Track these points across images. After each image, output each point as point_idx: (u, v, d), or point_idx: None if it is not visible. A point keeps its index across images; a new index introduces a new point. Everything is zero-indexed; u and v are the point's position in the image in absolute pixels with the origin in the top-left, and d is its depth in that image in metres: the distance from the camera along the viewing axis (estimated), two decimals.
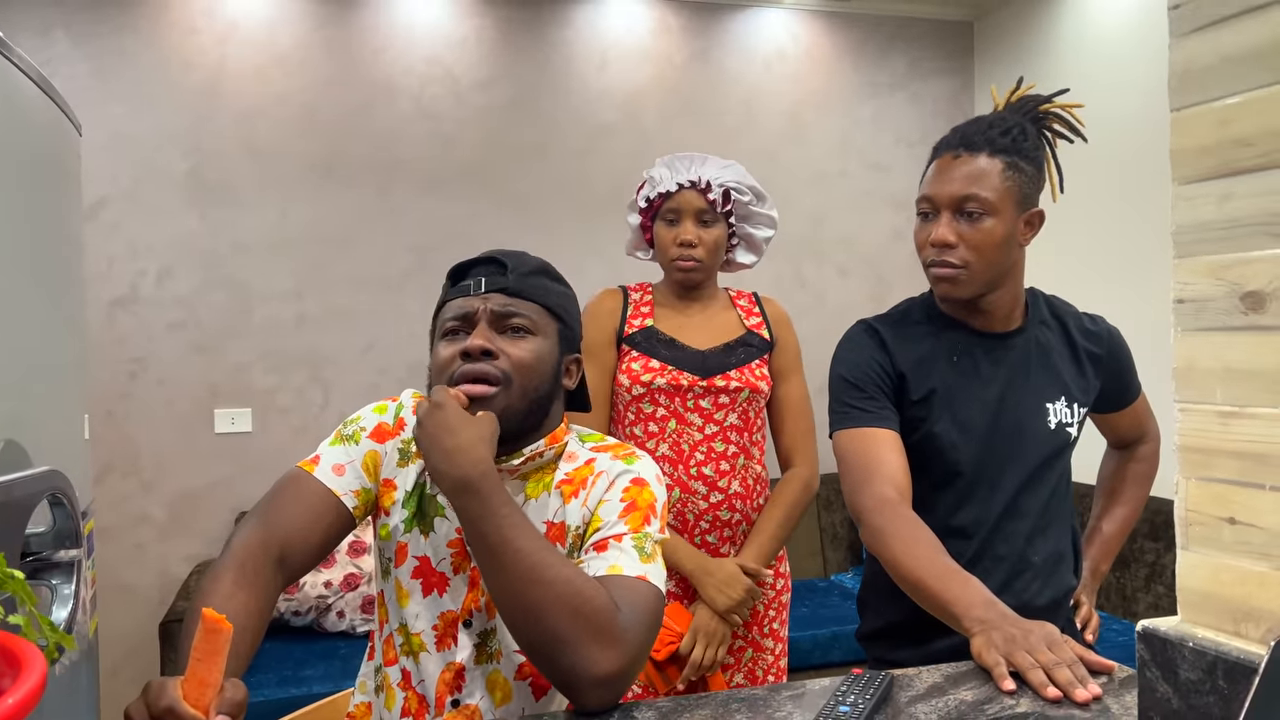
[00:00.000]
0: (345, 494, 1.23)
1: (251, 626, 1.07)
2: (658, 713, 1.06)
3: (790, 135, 4.07)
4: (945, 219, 1.49)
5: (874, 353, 1.58)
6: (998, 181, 1.47)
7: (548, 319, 1.27)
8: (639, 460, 1.26)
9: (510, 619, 1.09)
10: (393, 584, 1.27)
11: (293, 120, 3.53)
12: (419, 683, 1.24)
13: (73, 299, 1.56)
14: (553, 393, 1.27)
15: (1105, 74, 3.59)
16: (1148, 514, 3.30)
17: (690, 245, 1.93)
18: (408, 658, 1.25)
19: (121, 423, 3.39)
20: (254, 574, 1.11)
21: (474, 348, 1.20)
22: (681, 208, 1.93)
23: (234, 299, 3.49)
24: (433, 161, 3.67)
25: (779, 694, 1.10)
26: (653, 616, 1.11)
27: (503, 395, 1.20)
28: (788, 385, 2.02)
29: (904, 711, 1.04)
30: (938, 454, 1.56)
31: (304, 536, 1.18)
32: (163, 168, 3.42)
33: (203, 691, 0.87)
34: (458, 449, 1.11)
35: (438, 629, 1.25)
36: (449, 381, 1.21)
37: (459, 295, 1.25)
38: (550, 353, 1.26)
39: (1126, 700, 1.06)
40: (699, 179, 1.92)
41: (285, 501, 1.20)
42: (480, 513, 1.10)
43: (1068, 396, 1.60)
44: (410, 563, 1.26)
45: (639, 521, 1.18)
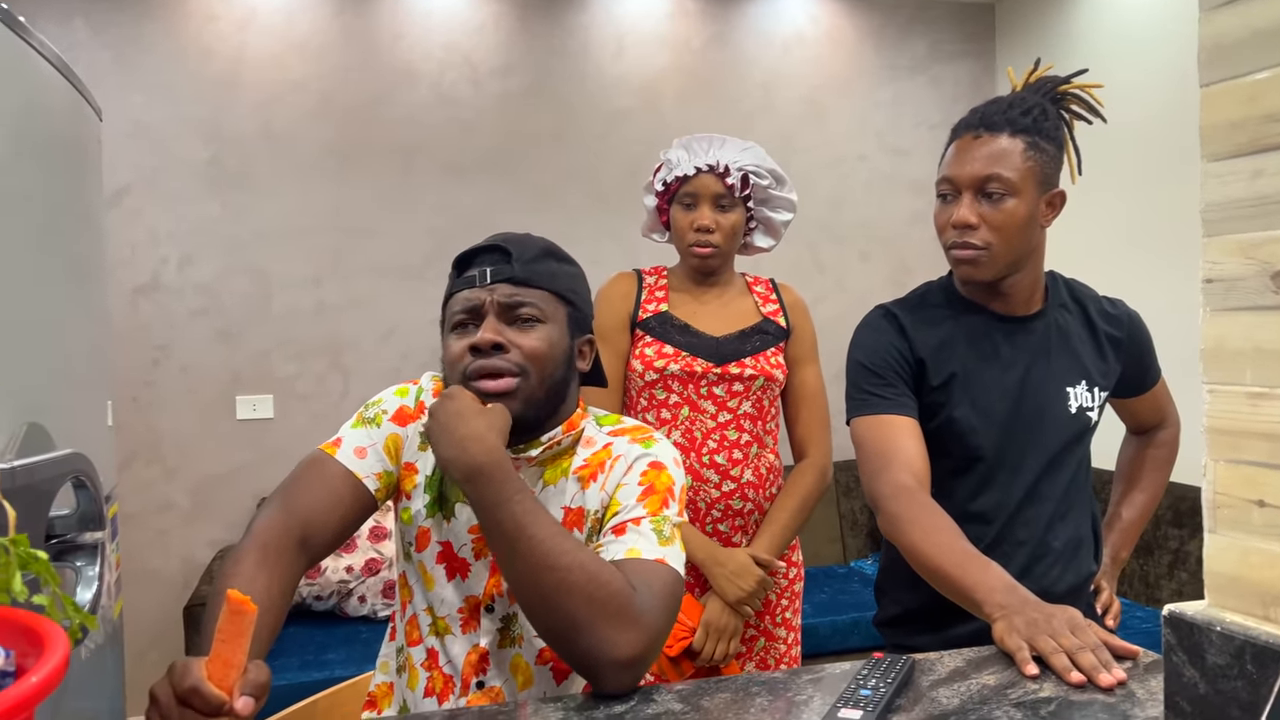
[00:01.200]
0: (367, 476, 1.23)
1: (274, 608, 1.07)
2: (678, 696, 1.05)
3: (809, 119, 4.04)
4: (966, 200, 1.47)
5: (892, 339, 1.56)
6: (1019, 161, 1.45)
7: (556, 304, 1.25)
8: (657, 443, 1.26)
9: (527, 605, 1.10)
10: (416, 567, 1.28)
11: (311, 107, 3.54)
12: (446, 663, 1.25)
13: (95, 284, 1.57)
14: (567, 377, 1.26)
15: (1128, 55, 3.55)
16: (1171, 500, 3.27)
17: (707, 230, 1.90)
18: (435, 638, 1.26)
19: (145, 409, 3.42)
20: (276, 556, 1.11)
21: (484, 342, 1.19)
22: (699, 192, 1.90)
23: (255, 286, 3.51)
24: (451, 148, 3.67)
25: (799, 677, 1.10)
26: (671, 598, 1.11)
27: (523, 386, 1.19)
28: (803, 373, 2.00)
29: (925, 695, 1.04)
30: (957, 439, 1.54)
31: (325, 518, 1.18)
32: (183, 155, 3.43)
33: (226, 672, 0.87)
34: (470, 437, 1.11)
35: (463, 612, 1.25)
36: (463, 377, 1.21)
37: (465, 287, 1.24)
38: (561, 338, 1.24)
39: (1152, 685, 1.05)
40: (717, 163, 1.89)
41: (307, 484, 1.21)
42: (494, 500, 1.10)
43: (1088, 380, 1.58)
44: (433, 547, 1.26)
45: (657, 505, 1.18)
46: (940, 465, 1.51)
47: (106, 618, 1.42)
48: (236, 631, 0.87)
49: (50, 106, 1.37)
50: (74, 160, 1.46)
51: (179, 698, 0.87)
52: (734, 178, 1.89)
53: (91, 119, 1.52)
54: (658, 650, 1.08)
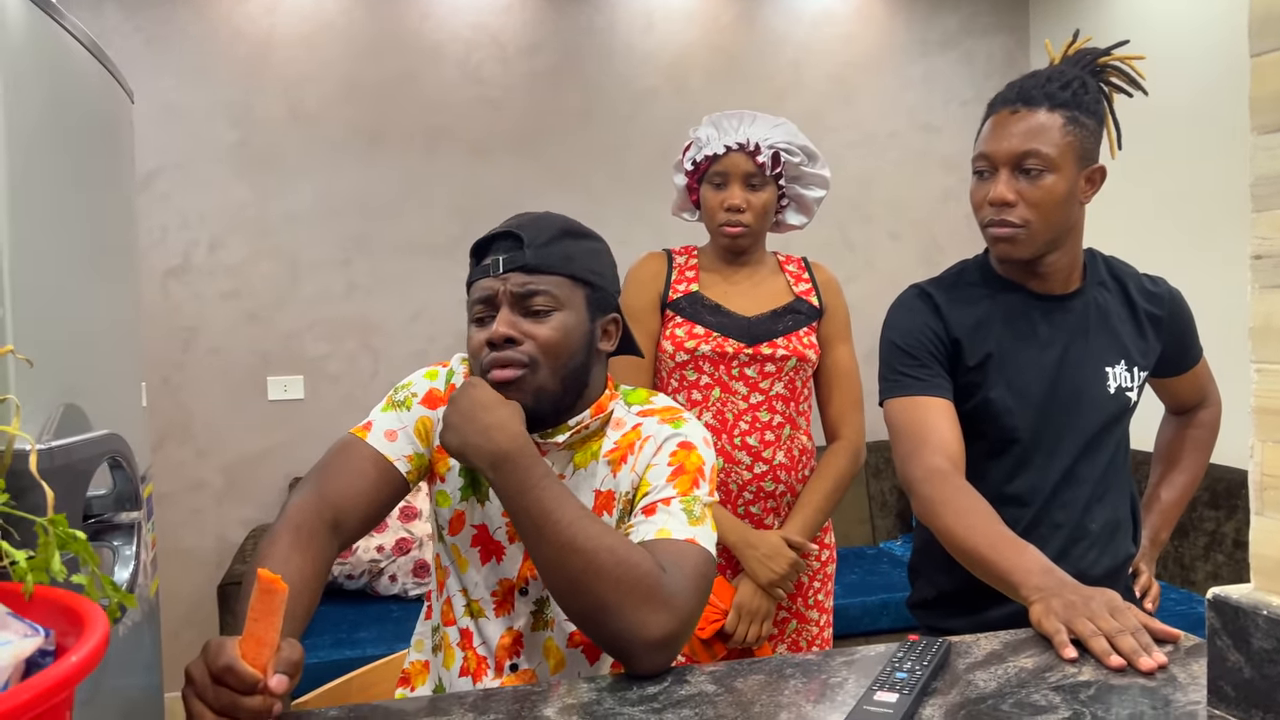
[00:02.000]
0: (398, 459, 1.23)
1: (308, 589, 1.08)
2: (711, 677, 1.05)
3: (839, 96, 3.99)
4: (1004, 177, 1.44)
5: (927, 318, 1.54)
6: (1058, 136, 1.42)
7: (572, 289, 1.23)
8: (687, 423, 1.25)
9: (555, 589, 1.09)
10: (450, 550, 1.28)
11: (339, 88, 3.54)
12: (480, 644, 1.25)
13: (126, 266, 1.58)
14: (588, 362, 1.25)
15: (1166, 27, 3.47)
16: (1208, 481, 3.23)
17: (738, 210, 1.88)
18: (469, 619, 1.26)
19: (177, 391, 3.45)
20: (309, 538, 1.12)
21: (496, 336, 1.18)
22: (729, 171, 1.87)
23: (284, 267, 3.53)
24: (479, 127, 3.66)
25: (833, 659, 1.09)
26: (702, 578, 1.10)
27: (530, 378, 1.19)
28: (836, 354, 1.98)
29: (962, 679, 1.03)
30: (993, 420, 1.52)
31: (357, 501, 1.19)
32: (213, 138, 3.45)
33: (260, 650, 0.88)
34: (494, 425, 1.12)
35: (496, 595, 1.25)
36: (479, 371, 1.21)
37: (480, 276, 1.23)
38: (579, 324, 1.23)
39: (1194, 669, 1.03)
40: (747, 141, 1.86)
41: (338, 467, 1.21)
42: (520, 486, 1.09)
43: (1128, 360, 1.55)
44: (468, 530, 1.26)
45: (688, 485, 1.17)
46: (975, 447, 1.49)
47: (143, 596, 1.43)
48: (268, 610, 0.87)
49: (82, 89, 1.37)
50: (106, 142, 1.47)
51: (214, 676, 0.87)
52: (765, 156, 1.86)
53: (123, 101, 1.53)
54: (689, 631, 1.07)
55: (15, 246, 1.08)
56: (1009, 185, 1.44)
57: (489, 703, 1.00)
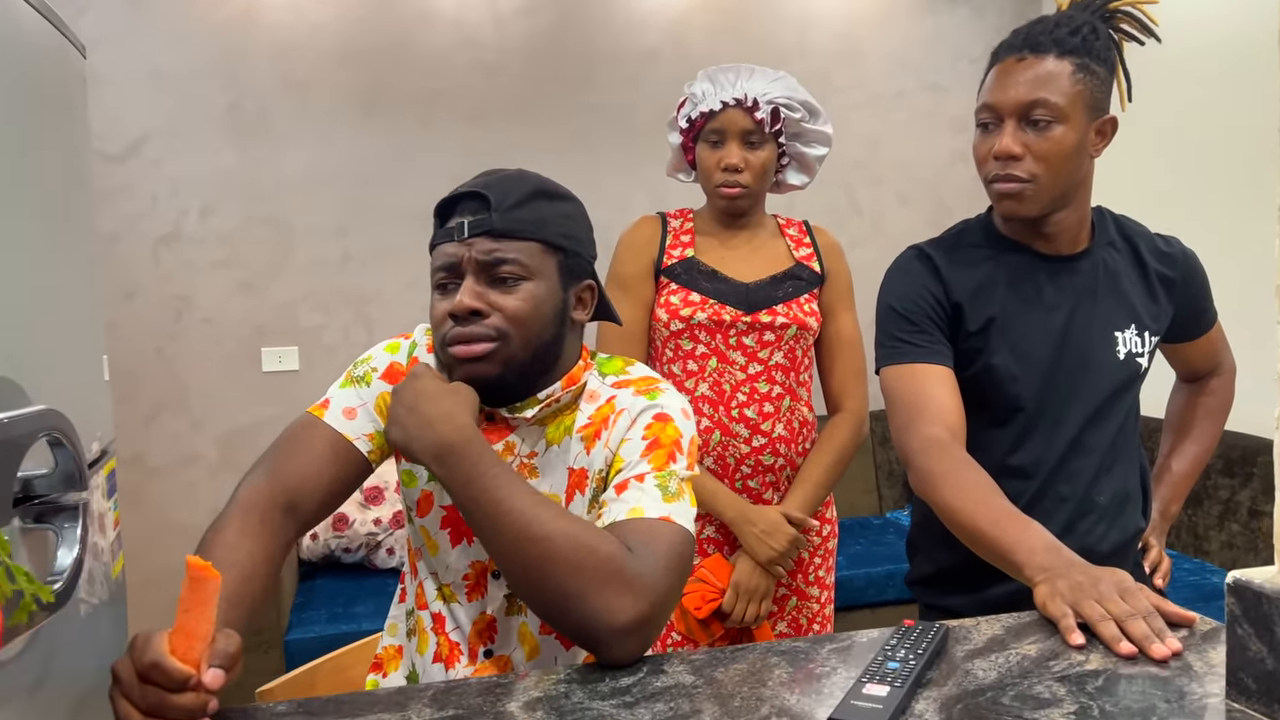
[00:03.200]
0: (358, 438, 1.17)
1: (260, 573, 1.02)
2: (690, 667, 0.98)
3: (844, 56, 3.87)
4: (1010, 128, 1.35)
5: (926, 281, 1.45)
6: (1067, 85, 1.33)
7: (543, 255, 1.14)
8: (663, 394, 1.17)
9: (514, 581, 1.03)
10: (419, 532, 1.22)
11: (330, 51, 3.44)
12: (454, 629, 1.19)
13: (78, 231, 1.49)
14: (560, 333, 1.17)
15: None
16: (1222, 448, 3.13)
17: (735, 170, 1.78)
18: (442, 603, 1.20)
19: (170, 362, 3.39)
20: (259, 523, 1.06)
21: (461, 308, 1.11)
22: (726, 128, 1.78)
23: (277, 236, 3.45)
24: (475, 91, 3.56)
25: (822, 647, 1.02)
26: (676, 557, 1.03)
27: (500, 350, 1.11)
28: (838, 322, 1.90)
29: (959, 667, 0.95)
30: (996, 388, 1.44)
31: (314, 484, 1.13)
32: (202, 103, 3.36)
33: (191, 644, 0.81)
34: (438, 416, 1.05)
35: (469, 579, 1.19)
36: (442, 343, 1.14)
37: (444, 240, 1.15)
38: (550, 293, 1.15)
39: (1211, 657, 0.95)
40: (745, 96, 1.76)
41: (294, 448, 1.15)
42: (467, 476, 1.03)
43: (1138, 324, 1.47)
44: (437, 511, 1.20)
45: (663, 459, 1.10)
46: (977, 417, 1.41)
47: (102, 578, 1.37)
48: (199, 600, 0.81)
49: (26, 46, 1.29)
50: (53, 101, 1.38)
51: (140, 674, 0.81)
52: (763, 112, 1.76)
53: (74, 57, 1.44)
54: (663, 614, 1.00)
55: None
56: (1015, 137, 1.35)
57: (451, 696, 0.93)
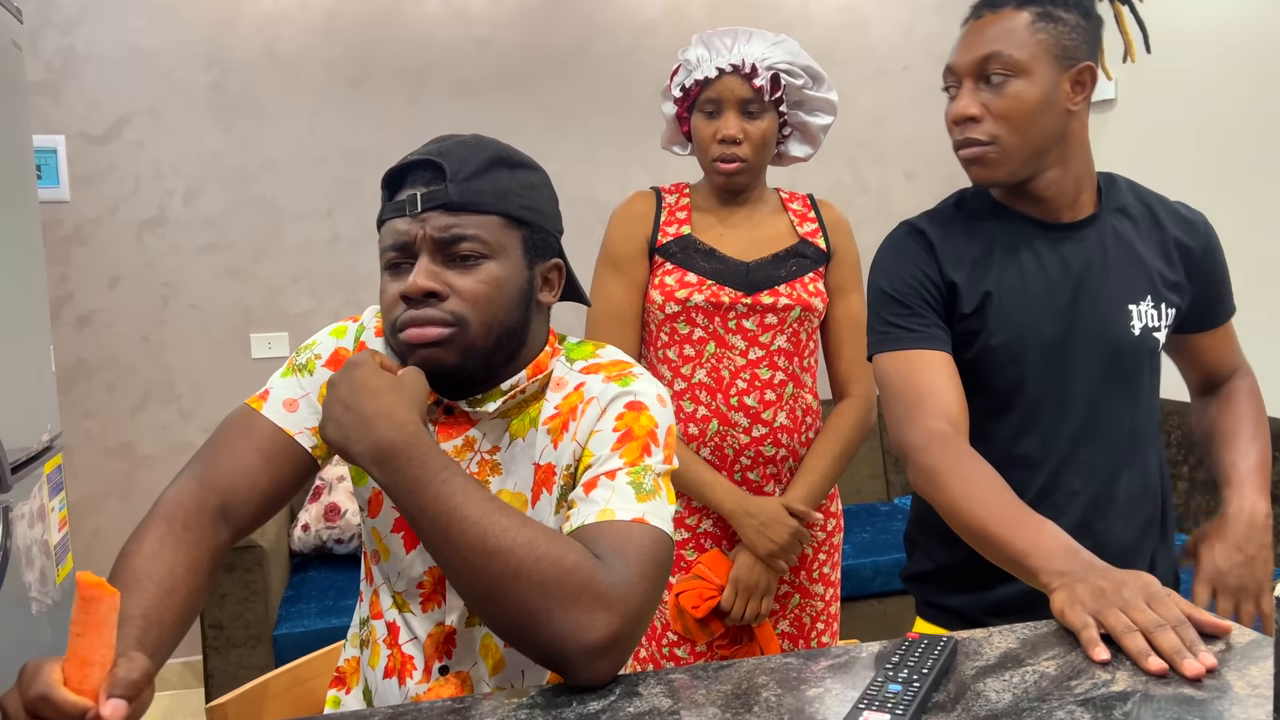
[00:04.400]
0: (300, 432, 1.06)
1: (182, 586, 0.91)
2: (667, 689, 0.88)
3: (850, 28, 3.74)
4: (967, 89, 1.26)
5: (919, 259, 1.33)
6: (1025, 36, 1.23)
7: (506, 231, 1.04)
8: (636, 379, 1.06)
9: (471, 599, 0.92)
10: (371, 534, 1.11)
11: (316, 25, 3.33)
12: (409, 640, 1.08)
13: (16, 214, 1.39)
14: (525, 317, 1.06)
15: None
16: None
17: (733, 141, 1.66)
18: (396, 612, 1.09)
19: (157, 349, 3.30)
20: (183, 530, 0.96)
21: (414, 289, 0.99)
22: (723, 97, 1.65)
23: (265, 219, 3.35)
24: (466, 66, 3.45)
25: (817, 663, 0.92)
26: (651, 564, 0.92)
27: (458, 336, 1.00)
28: (846, 303, 1.78)
29: (969, 688, 0.85)
30: (997, 371, 1.32)
31: (250, 484, 1.02)
32: (184, 81, 3.25)
33: (86, 672, 0.71)
34: (378, 413, 0.93)
35: (424, 587, 1.08)
36: (393, 329, 1.02)
37: (394, 215, 1.04)
38: (514, 273, 1.04)
39: (1252, 675, 0.85)
40: (742, 62, 1.63)
41: (228, 445, 1.05)
42: (412, 482, 0.91)
43: (1155, 295, 1.33)
44: (388, 514, 1.09)
45: (636, 453, 0.99)
46: (976, 404, 1.29)
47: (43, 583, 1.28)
48: (94, 622, 0.71)
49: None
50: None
51: (27, 708, 0.71)
52: (763, 79, 1.64)
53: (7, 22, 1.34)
54: (638, 629, 0.89)
55: None
56: (972, 98, 1.26)
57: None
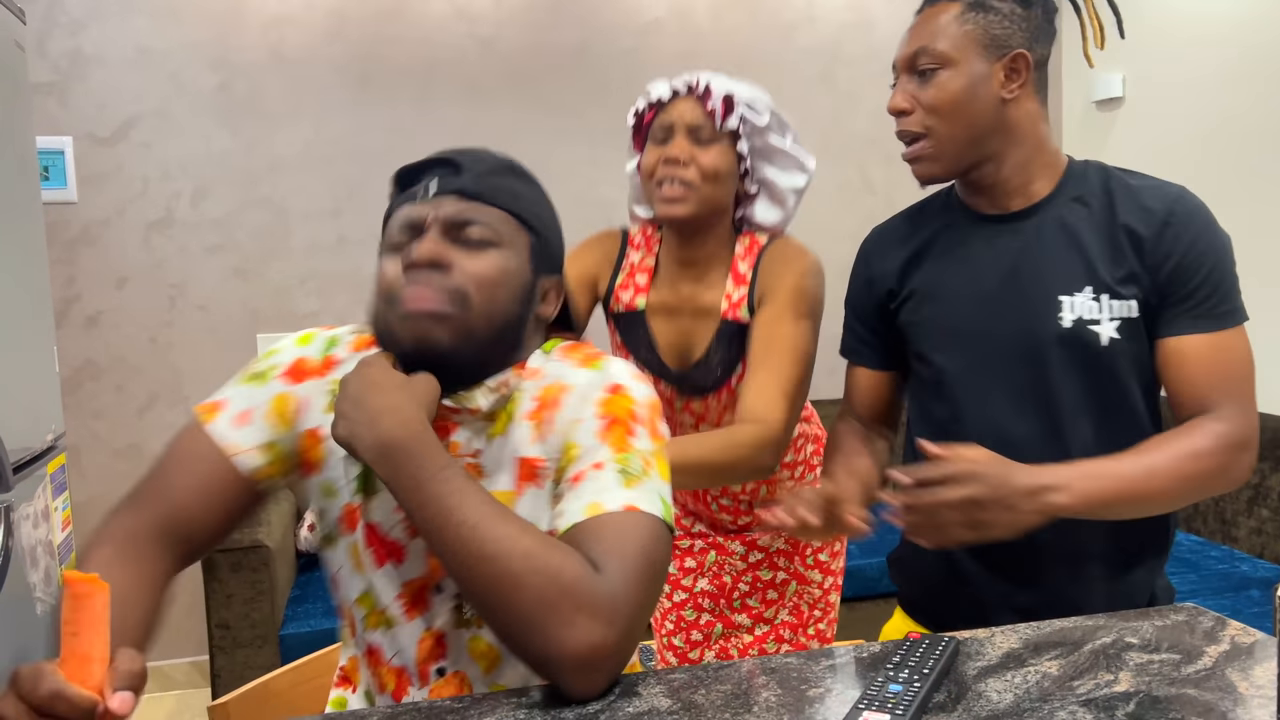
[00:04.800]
0: (247, 450, 1.01)
1: (143, 603, 0.89)
2: (666, 689, 0.87)
3: (855, 27, 3.73)
4: (900, 84, 1.28)
5: (862, 271, 1.42)
6: (953, 28, 1.23)
7: (515, 229, 1.02)
8: (607, 362, 1.04)
9: (469, 600, 0.91)
10: (346, 551, 1.06)
11: (322, 26, 3.34)
12: (394, 655, 1.05)
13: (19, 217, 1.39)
14: (523, 317, 1.03)
15: None
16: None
17: (676, 162, 1.47)
18: (375, 631, 1.05)
19: (164, 350, 3.31)
20: (132, 555, 0.93)
21: (419, 257, 0.96)
22: (674, 122, 1.50)
23: (272, 219, 3.36)
24: (471, 66, 3.45)
25: (817, 663, 0.92)
26: (645, 560, 0.89)
27: (456, 315, 0.96)
28: (763, 316, 1.52)
29: (970, 689, 0.85)
30: (928, 362, 1.30)
31: (192, 515, 0.98)
32: (191, 83, 3.26)
33: (88, 668, 0.71)
34: (385, 409, 0.91)
35: (404, 598, 1.04)
36: (390, 299, 0.99)
37: (406, 203, 1.03)
38: (520, 270, 1.02)
39: (1256, 675, 0.84)
40: (696, 83, 1.51)
41: (174, 471, 1.00)
42: (414, 480, 0.89)
43: (1096, 285, 1.20)
44: (361, 529, 1.05)
45: (620, 437, 0.96)
46: (922, 392, 1.35)
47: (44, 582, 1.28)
48: (90, 619, 0.71)
49: None
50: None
51: (38, 709, 0.71)
52: (715, 102, 1.49)
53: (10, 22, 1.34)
54: (634, 639, 0.87)
55: None
56: (902, 93, 1.27)
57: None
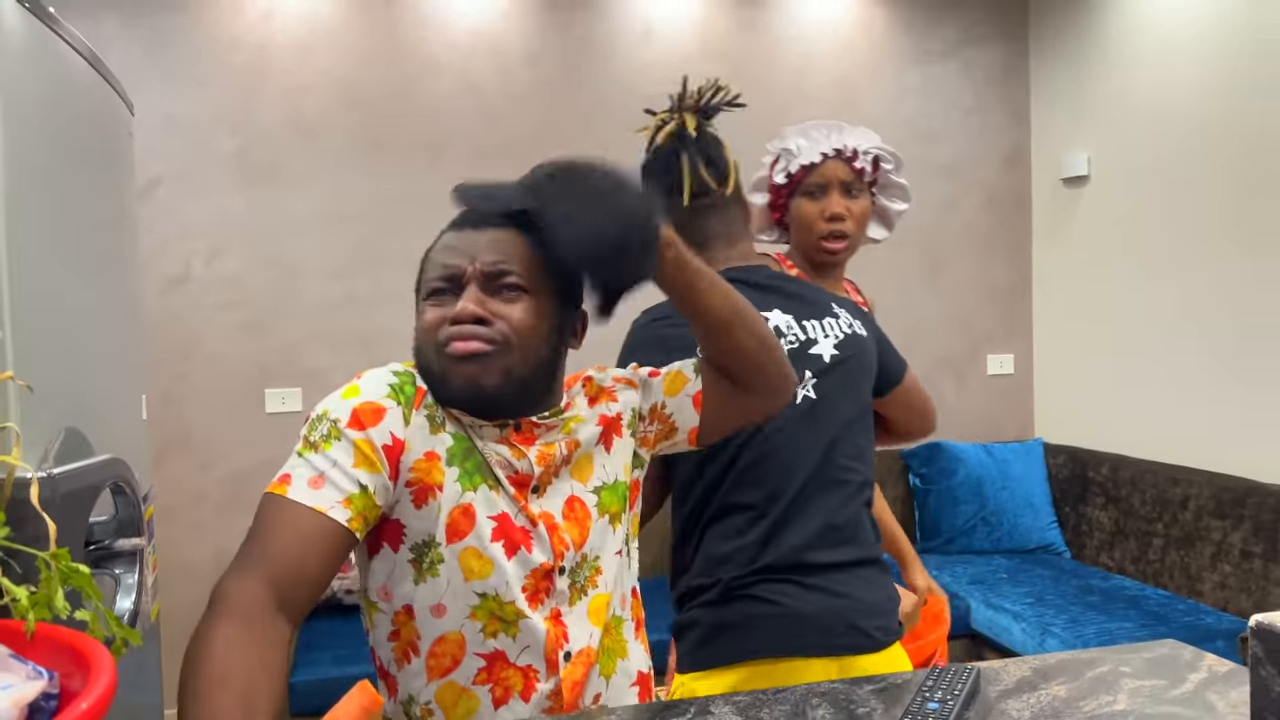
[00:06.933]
0: (331, 507, 1.04)
1: (273, 675, 0.92)
2: (735, 707, 1.02)
3: (841, 105, 3.97)
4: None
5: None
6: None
7: (546, 274, 1.14)
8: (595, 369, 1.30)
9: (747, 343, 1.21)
10: (455, 565, 1.11)
11: (338, 97, 3.51)
12: (521, 652, 1.12)
13: (128, 280, 1.54)
14: (560, 352, 1.18)
15: (1165, 37, 3.45)
16: (1213, 490, 3.20)
17: (839, 218, 1.77)
18: (495, 639, 1.11)
19: (177, 404, 3.41)
20: (249, 627, 0.94)
21: (465, 314, 1.07)
22: (827, 180, 1.78)
23: (284, 278, 3.49)
24: (479, 138, 3.63)
25: (859, 688, 1.06)
26: None
27: (500, 357, 1.08)
28: None
29: (994, 708, 1.00)
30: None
31: (300, 570, 1.00)
32: (212, 147, 3.42)
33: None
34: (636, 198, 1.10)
35: (528, 589, 1.12)
36: (439, 347, 1.09)
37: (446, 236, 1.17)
38: (552, 312, 1.14)
39: (1233, 698, 1.00)
40: (845, 146, 1.79)
41: (272, 535, 1.02)
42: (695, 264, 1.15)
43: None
44: (484, 525, 1.11)
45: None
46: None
47: (144, 619, 1.40)
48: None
49: (81, 99, 1.34)
50: (106, 156, 1.43)
51: None
52: (863, 161, 1.79)
53: (122, 112, 1.50)
54: None
55: (14, 265, 1.04)
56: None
57: None
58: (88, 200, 1.34)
